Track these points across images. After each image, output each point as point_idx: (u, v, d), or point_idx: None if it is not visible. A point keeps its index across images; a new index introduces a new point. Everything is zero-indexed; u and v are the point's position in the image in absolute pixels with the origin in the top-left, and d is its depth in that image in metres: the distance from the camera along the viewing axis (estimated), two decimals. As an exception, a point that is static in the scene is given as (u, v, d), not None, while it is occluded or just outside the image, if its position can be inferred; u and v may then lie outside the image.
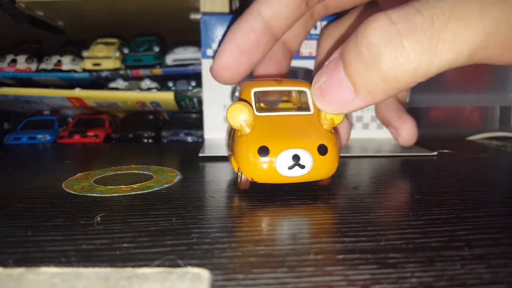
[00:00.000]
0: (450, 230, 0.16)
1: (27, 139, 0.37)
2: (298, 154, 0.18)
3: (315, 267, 0.13)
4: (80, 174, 0.25)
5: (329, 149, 0.19)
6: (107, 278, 0.12)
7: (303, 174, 0.19)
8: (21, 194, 0.21)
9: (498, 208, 0.18)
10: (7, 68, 0.39)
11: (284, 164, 0.18)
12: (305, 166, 0.19)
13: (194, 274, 0.12)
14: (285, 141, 0.19)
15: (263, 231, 0.16)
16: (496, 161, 0.30)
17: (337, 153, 0.20)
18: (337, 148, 0.20)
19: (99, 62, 0.39)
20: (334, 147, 0.20)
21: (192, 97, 0.38)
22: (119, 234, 0.15)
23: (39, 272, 0.12)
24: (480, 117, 0.41)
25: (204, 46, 0.33)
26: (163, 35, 0.43)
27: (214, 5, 0.35)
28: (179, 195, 0.20)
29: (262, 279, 0.12)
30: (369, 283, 0.12)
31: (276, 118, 0.20)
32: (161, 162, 0.28)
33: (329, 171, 0.20)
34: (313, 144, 0.19)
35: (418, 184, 0.22)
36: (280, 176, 0.19)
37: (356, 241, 0.15)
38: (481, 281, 0.12)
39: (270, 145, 0.19)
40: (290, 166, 0.18)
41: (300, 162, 0.18)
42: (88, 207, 0.19)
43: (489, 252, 0.14)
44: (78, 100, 0.39)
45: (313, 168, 0.19)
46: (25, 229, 0.16)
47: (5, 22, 0.35)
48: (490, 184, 0.23)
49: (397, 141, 0.30)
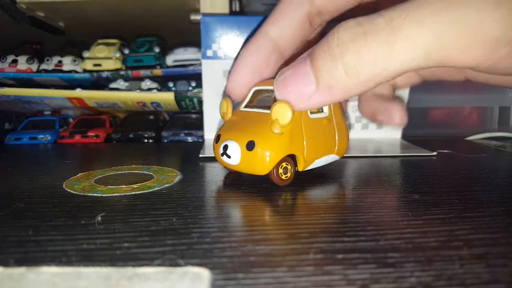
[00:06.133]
0: (449, 229, 0.16)
1: (28, 139, 0.37)
2: (227, 145, 0.21)
3: (314, 267, 0.13)
4: (81, 174, 0.25)
5: (256, 146, 0.20)
6: (107, 277, 0.12)
7: (232, 164, 0.21)
8: (22, 194, 0.21)
9: (497, 208, 0.18)
10: (8, 69, 0.39)
11: (220, 151, 0.22)
12: (231, 157, 0.21)
13: (194, 273, 0.12)
14: (229, 132, 0.22)
15: (263, 231, 0.16)
16: (495, 161, 0.30)
17: (266, 152, 0.20)
18: (271, 147, 0.20)
19: (100, 62, 0.39)
20: (266, 145, 0.20)
21: (192, 97, 0.39)
22: (120, 233, 0.15)
23: (40, 272, 0.13)
24: (479, 117, 0.41)
25: (204, 46, 0.33)
26: (163, 35, 0.44)
27: (214, 6, 0.35)
28: (179, 195, 0.20)
29: (262, 278, 0.12)
30: (368, 282, 0.12)
31: (247, 114, 0.23)
32: (161, 162, 0.28)
33: (257, 167, 0.21)
34: (244, 138, 0.21)
35: (418, 184, 0.22)
36: (221, 160, 0.22)
37: (356, 240, 0.15)
38: (480, 281, 0.12)
39: (222, 134, 0.22)
40: (221, 153, 0.22)
41: (227, 152, 0.21)
42: (89, 207, 0.19)
43: (488, 251, 0.14)
44: (79, 100, 0.39)
45: (241, 160, 0.21)
46: (26, 228, 0.16)
47: (6, 23, 0.36)
48: (489, 184, 0.23)
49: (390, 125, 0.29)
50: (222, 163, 0.23)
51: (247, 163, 0.21)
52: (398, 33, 0.16)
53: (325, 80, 0.18)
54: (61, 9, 0.37)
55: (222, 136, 0.22)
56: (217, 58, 0.33)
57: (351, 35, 0.17)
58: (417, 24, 0.16)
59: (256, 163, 0.21)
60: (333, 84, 0.18)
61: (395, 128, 0.28)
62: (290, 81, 0.19)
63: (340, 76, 0.17)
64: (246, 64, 0.24)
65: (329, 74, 0.18)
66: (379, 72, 0.17)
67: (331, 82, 0.18)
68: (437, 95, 0.39)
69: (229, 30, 0.33)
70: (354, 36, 0.17)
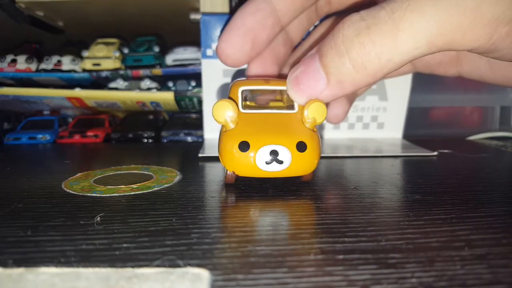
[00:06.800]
0: (450, 230, 0.16)
1: (27, 139, 0.37)
2: (277, 150, 0.19)
3: (315, 267, 0.13)
4: (80, 174, 0.25)
5: (308, 146, 0.20)
6: (107, 278, 0.12)
7: (281, 169, 0.20)
8: (21, 194, 0.21)
9: (498, 208, 0.18)
10: (7, 68, 0.39)
11: (262, 159, 0.19)
12: (283, 162, 0.19)
13: (194, 274, 0.12)
14: (264, 137, 0.20)
15: (262, 231, 0.16)
16: (496, 161, 0.30)
17: (316, 150, 0.20)
18: (317, 146, 0.20)
19: (99, 62, 0.39)
20: (314, 144, 0.20)
21: (192, 97, 0.38)
22: (119, 234, 0.15)
23: (39, 272, 0.12)
24: (480, 117, 0.41)
25: (204, 46, 0.33)
26: (163, 35, 0.43)
27: (214, 5, 0.35)
28: (179, 195, 0.20)
29: (262, 279, 0.12)
30: (369, 283, 0.12)
31: (260, 116, 0.21)
32: (161, 162, 0.28)
33: (308, 168, 0.20)
34: (292, 140, 0.20)
35: (418, 184, 0.22)
36: (260, 170, 0.20)
37: (356, 241, 0.15)
38: (481, 281, 0.12)
39: (250, 140, 0.19)
40: (268, 161, 0.19)
41: (278, 157, 0.19)
42: (88, 207, 0.19)
43: (489, 252, 0.14)
44: (78, 100, 0.39)
45: (291, 164, 0.19)
46: (25, 229, 0.16)
47: (5, 22, 0.35)
48: (490, 184, 0.23)
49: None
50: (258, 174, 0.20)
51: (298, 166, 0.20)
52: (400, 24, 0.16)
53: (335, 75, 0.19)
54: (60, 8, 0.37)
55: (255, 143, 0.19)
56: (217, 57, 0.33)
57: (355, 31, 0.17)
58: (418, 13, 0.16)
59: (308, 163, 0.20)
60: (342, 78, 0.18)
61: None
62: (302, 78, 0.20)
63: (349, 71, 0.18)
64: (240, 24, 0.23)
65: (338, 70, 0.18)
66: (385, 64, 0.17)
67: (341, 77, 0.18)
68: (438, 95, 0.39)
69: (229, 29, 0.32)
70: (358, 32, 0.17)
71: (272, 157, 0.19)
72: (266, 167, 0.19)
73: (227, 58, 0.24)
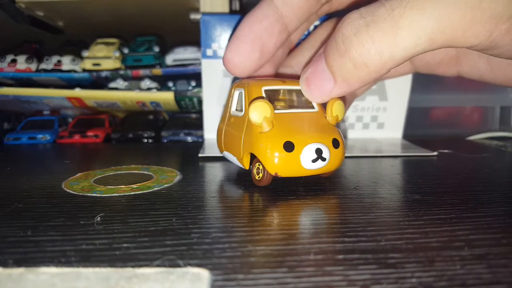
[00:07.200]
0: (450, 230, 0.16)
1: (27, 139, 0.37)
2: (321, 148, 0.20)
3: (315, 267, 0.13)
4: (80, 174, 0.25)
5: (340, 143, 0.21)
6: (107, 278, 0.12)
7: (321, 167, 0.20)
8: (21, 194, 0.21)
9: (498, 208, 0.18)
10: (7, 68, 0.39)
11: (308, 157, 0.20)
12: (326, 159, 0.20)
13: (194, 274, 0.12)
14: (307, 136, 0.20)
15: (262, 231, 0.16)
16: (496, 161, 0.30)
17: (344, 146, 0.22)
18: (343, 142, 0.22)
19: (99, 62, 0.39)
20: (343, 141, 0.22)
21: (192, 97, 0.38)
22: (119, 234, 0.15)
23: (39, 272, 0.12)
24: (480, 117, 0.41)
25: (204, 46, 0.33)
26: (163, 35, 0.43)
27: (214, 5, 0.35)
28: (179, 195, 0.20)
29: (262, 279, 0.12)
30: (369, 283, 0.12)
31: (288, 115, 0.21)
32: (161, 162, 0.28)
33: (340, 163, 0.22)
34: (328, 138, 0.21)
35: (418, 184, 0.22)
36: (303, 169, 0.20)
37: (356, 241, 0.15)
38: (481, 281, 0.12)
39: (294, 140, 0.20)
40: (314, 159, 0.20)
41: (323, 155, 0.20)
42: (88, 207, 0.19)
43: (489, 252, 0.14)
44: (78, 100, 0.39)
45: (330, 160, 0.20)
46: (25, 229, 0.16)
47: (5, 22, 0.35)
48: (490, 184, 0.23)
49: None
50: (301, 173, 0.20)
51: (334, 161, 0.21)
52: (400, 21, 0.16)
53: (340, 75, 0.19)
54: (60, 8, 0.37)
55: (300, 142, 0.20)
56: (217, 57, 0.33)
57: (354, 29, 0.17)
58: (418, 11, 0.16)
59: (339, 159, 0.21)
60: (347, 77, 0.19)
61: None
62: (312, 79, 0.20)
63: (351, 69, 0.18)
64: (247, 32, 0.23)
65: (342, 69, 0.19)
66: (387, 60, 0.17)
67: (345, 75, 0.19)
68: (438, 95, 0.39)
69: (229, 29, 0.32)
70: (356, 30, 0.17)
71: (317, 155, 0.20)
72: (311, 165, 0.20)
73: (235, 67, 0.23)
